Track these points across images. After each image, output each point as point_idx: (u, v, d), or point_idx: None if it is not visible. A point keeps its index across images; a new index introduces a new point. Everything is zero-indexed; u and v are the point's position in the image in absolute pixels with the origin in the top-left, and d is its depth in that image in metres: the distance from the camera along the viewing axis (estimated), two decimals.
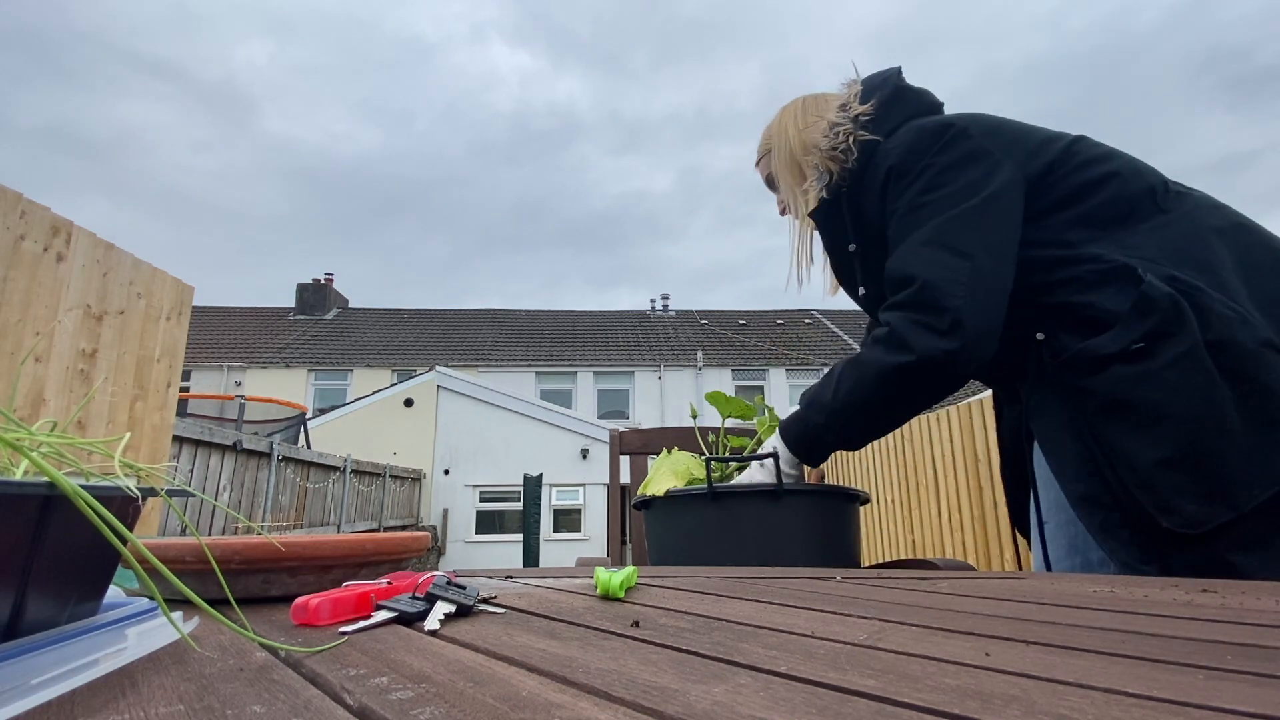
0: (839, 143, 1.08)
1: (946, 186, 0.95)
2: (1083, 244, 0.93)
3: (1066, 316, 0.92)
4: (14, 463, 0.36)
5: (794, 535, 1.00)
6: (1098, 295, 0.89)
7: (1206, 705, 0.26)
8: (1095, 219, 0.95)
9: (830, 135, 1.10)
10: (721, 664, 0.34)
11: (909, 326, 0.90)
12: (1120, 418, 0.84)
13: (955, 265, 0.90)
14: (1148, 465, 0.80)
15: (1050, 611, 0.51)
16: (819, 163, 1.11)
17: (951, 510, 5.43)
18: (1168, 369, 0.81)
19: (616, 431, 1.75)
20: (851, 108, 1.11)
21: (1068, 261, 0.93)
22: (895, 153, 1.03)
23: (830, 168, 1.10)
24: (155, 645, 0.37)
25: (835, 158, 1.09)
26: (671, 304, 22.93)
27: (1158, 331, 0.82)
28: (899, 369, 0.91)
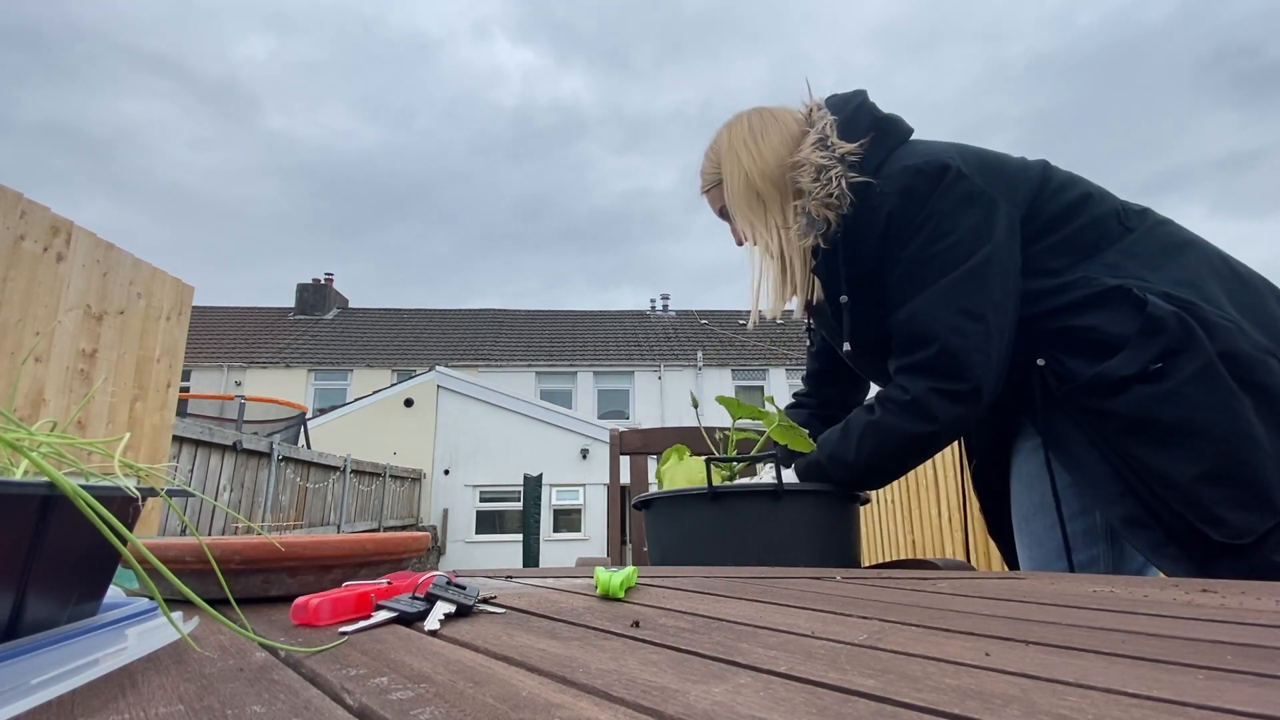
0: (833, 189, 1.00)
1: (951, 235, 0.95)
2: (1068, 269, 0.96)
3: (1068, 341, 0.93)
4: (14, 463, 0.36)
5: (794, 535, 1.00)
6: (1097, 318, 0.91)
7: (1206, 705, 0.26)
8: (1075, 243, 0.97)
9: (822, 181, 1.01)
10: (721, 664, 0.34)
11: (931, 396, 0.93)
12: (1147, 437, 0.85)
13: (972, 331, 0.92)
14: (1188, 481, 0.82)
15: (1050, 611, 0.51)
16: (814, 209, 1.02)
17: (951, 510, 5.43)
18: (1187, 385, 0.82)
19: (616, 432, 1.75)
20: (835, 145, 1.03)
21: (1060, 289, 0.95)
22: (893, 198, 0.98)
23: (827, 216, 1.02)
24: (155, 645, 0.37)
25: (831, 205, 1.01)
26: (672, 304, 22.94)
27: (1170, 350, 0.84)
28: (923, 438, 0.96)
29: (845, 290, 1.05)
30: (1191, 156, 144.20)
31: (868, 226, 1.01)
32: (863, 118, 1.06)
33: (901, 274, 0.99)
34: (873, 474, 1.01)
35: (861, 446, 0.98)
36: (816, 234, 1.03)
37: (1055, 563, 1.07)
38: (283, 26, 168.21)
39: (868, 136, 1.03)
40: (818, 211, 1.02)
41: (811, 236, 1.04)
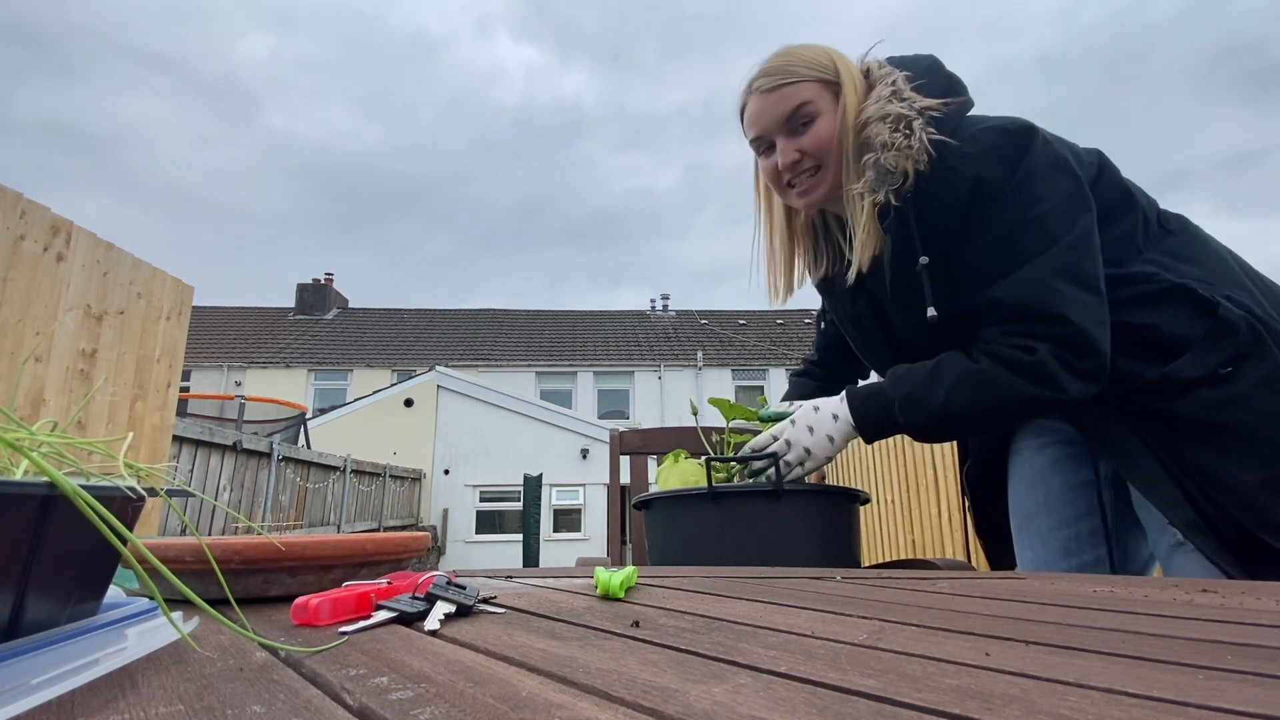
0: (915, 142, 0.91)
1: (1049, 200, 0.88)
2: (1128, 262, 0.91)
3: (1125, 338, 0.88)
4: (14, 463, 0.36)
5: (794, 535, 1.00)
6: (1157, 316, 0.87)
7: (1207, 705, 0.26)
8: (1125, 238, 0.93)
9: (903, 131, 0.91)
10: (721, 664, 0.34)
11: (1061, 368, 0.85)
12: (1209, 441, 0.83)
13: (1096, 305, 0.86)
14: (1249, 487, 0.80)
15: (1050, 611, 0.51)
16: (892, 161, 0.91)
17: (951, 510, 5.43)
18: (1256, 391, 0.81)
19: (616, 431, 1.75)
20: (911, 98, 0.93)
21: (1123, 281, 0.90)
22: (980, 160, 0.90)
23: (908, 169, 0.91)
24: (155, 645, 0.37)
25: (913, 158, 0.91)
26: (672, 304, 22.94)
27: (1240, 354, 0.82)
28: (1038, 401, 0.87)
29: (924, 252, 0.94)
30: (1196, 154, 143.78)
31: (947, 190, 0.92)
32: (939, 77, 0.98)
33: (999, 240, 0.90)
34: (951, 426, 0.92)
35: (956, 394, 0.88)
36: (888, 189, 0.92)
37: (1058, 562, 1.04)
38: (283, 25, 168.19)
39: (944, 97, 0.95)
40: (896, 162, 0.91)
41: (881, 192, 0.93)
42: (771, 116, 0.99)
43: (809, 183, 1.00)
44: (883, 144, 0.92)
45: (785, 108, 0.98)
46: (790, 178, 1.01)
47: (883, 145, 0.92)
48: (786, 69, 0.98)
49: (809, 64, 0.98)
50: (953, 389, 0.89)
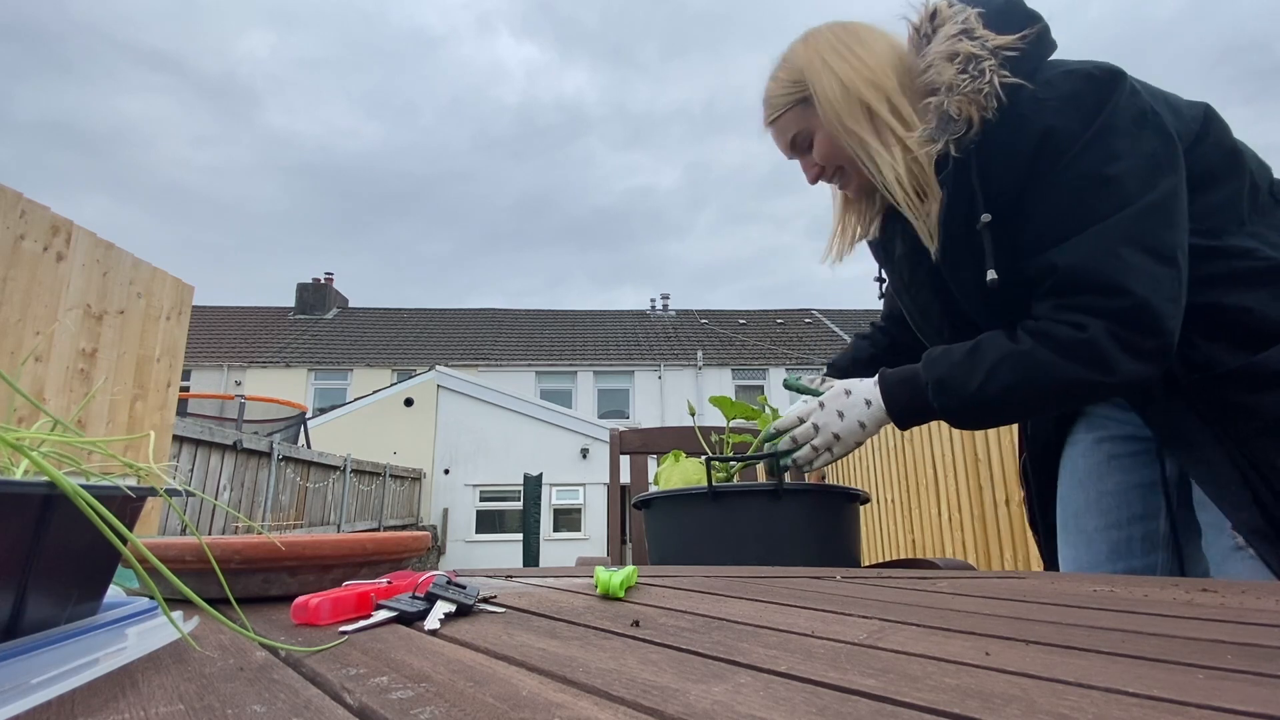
0: (984, 84, 0.81)
1: (1129, 158, 0.78)
2: (1227, 234, 0.82)
3: (1211, 320, 0.80)
4: (14, 462, 0.36)
5: (794, 535, 1.00)
6: (1254, 298, 0.79)
7: (1206, 705, 0.26)
8: (1229, 205, 0.84)
9: (972, 72, 0.82)
10: (722, 663, 0.34)
11: (1113, 346, 0.77)
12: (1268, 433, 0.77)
13: (1168, 278, 0.76)
14: None
15: (1050, 611, 0.51)
16: (956, 106, 0.83)
17: (951, 510, 5.43)
18: None
19: (616, 431, 1.75)
20: (983, 35, 0.84)
21: (1217, 254, 0.81)
22: (1054, 108, 0.80)
23: (971, 115, 0.82)
24: (155, 645, 0.37)
25: (979, 103, 0.82)
26: (672, 303, 22.94)
27: None
28: (1087, 386, 0.79)
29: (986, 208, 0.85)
30: None
31: (1015, 139, 0.82)
32: (1016, 11, 0.88)
33: (1065, 200, 0.81)
34: (989, 412, 0.85)
35: (994, 378, 0.81)
36: (950, 138, 0.84)
37: (1104, 565, 0.98)
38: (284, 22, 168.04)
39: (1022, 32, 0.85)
40: (960, 108, 0.83)
41: (942, 141, 0.85)
42: (782, 144, 1.03)
43: (840, 182, 1.02)
44: (947, 86, 0.84)
45: (784, 140, 1.02)
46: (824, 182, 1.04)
47: (947, 88, 0.84)
48: (770, 101, 1.00)
49: (784, 90, 0.97)
50: (991, 372, 0.81)
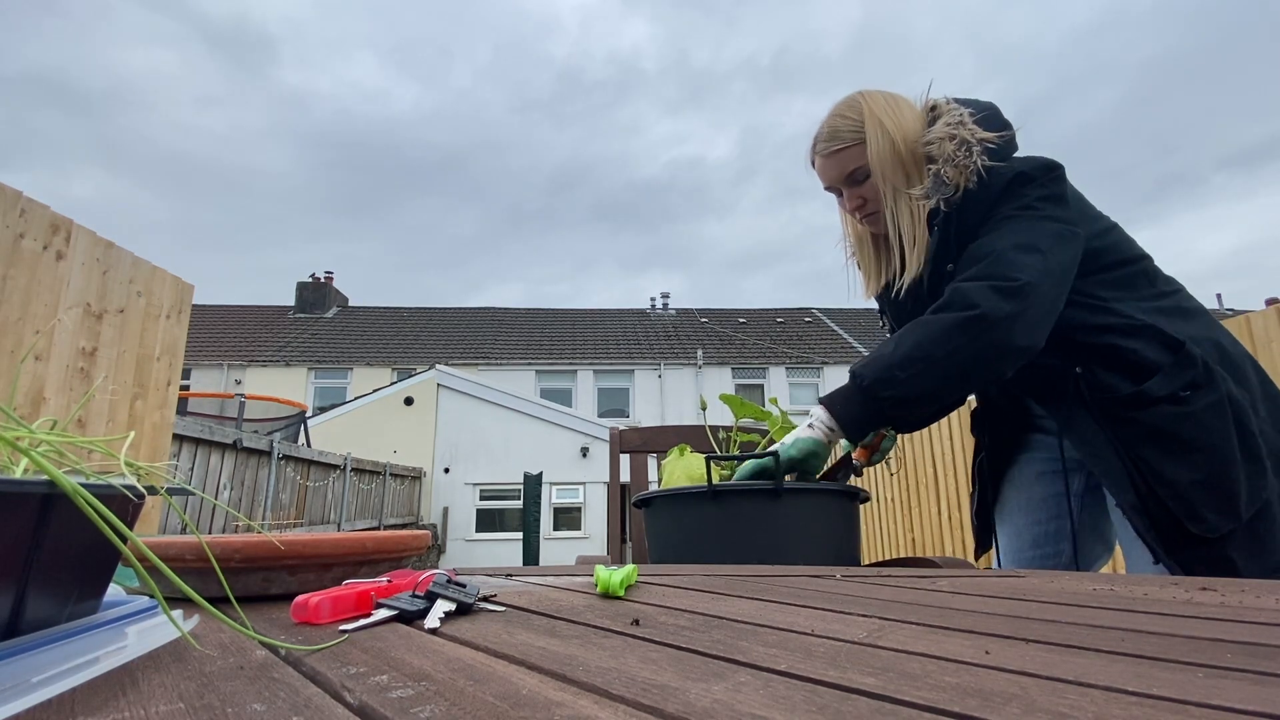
0: (971, 162, 1.08)
1: (1042, 211, 1.07)
2: (1115, 301, 1.10)
3: (1108, 358, 1.08)
4: (14, 461, 0.36)
5: (794, 534, 1.00)
6: (1139, 344, 1.06)
7: (1206, 703, 0.26)
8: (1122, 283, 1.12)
9: (963, 151, 1.09)
10: (721, 662, 0.34)
11: (977, 288, 1.00)
12: (1160, 446, 1.02)
13: (1031, 257, 1.02)
14: (1184, 484, 1.00)
15: (1050, 610, 0.51)
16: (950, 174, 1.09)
17: (951, 509, 5.43)
18: (1204, 412, 1.01)
19: (616, 430, 1.75)
20: (974, 130, 1.11)
21: (1108, 313, 1.09)
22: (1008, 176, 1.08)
23: (960, 182, 1.09)
24: (155, 643, 0.37)
25: (966, 174, 1.08)
26: (673, 301, 22.95)
27: (1196, 383, 1.02)
28: (962, 323, 0.99)
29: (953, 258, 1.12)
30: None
31: (987, 192, 1.09)
32: (996, 119, 1.16)
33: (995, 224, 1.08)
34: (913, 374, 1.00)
35: (901, 342, 1.01)
36: (940, 198, 1.10)
37: (1027, 550, 1.26)
38: None
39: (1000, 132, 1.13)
40: (952, 176, 1.09)
41: (935, 200, 1.10)
42: (834, 175, 1.21)
43: (872, 219, 1.22)
44: (945, 158, 1.10)
45: (843, 170, 1.20)
46: (860, 216, 1.23)
47: (945, 159, 1.10)
48: (839, 134, 1.18)
49: (854, 128, 1.17)
50: (898, 342, 1.02)
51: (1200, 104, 19.31)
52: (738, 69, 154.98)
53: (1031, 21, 21.12)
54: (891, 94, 1.20)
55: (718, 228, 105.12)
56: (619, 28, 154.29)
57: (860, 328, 20.10)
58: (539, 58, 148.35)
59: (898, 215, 1.16)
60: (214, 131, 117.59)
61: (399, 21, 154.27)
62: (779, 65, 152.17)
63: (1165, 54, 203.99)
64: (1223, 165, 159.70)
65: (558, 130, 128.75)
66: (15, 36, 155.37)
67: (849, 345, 19.01)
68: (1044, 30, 34.45)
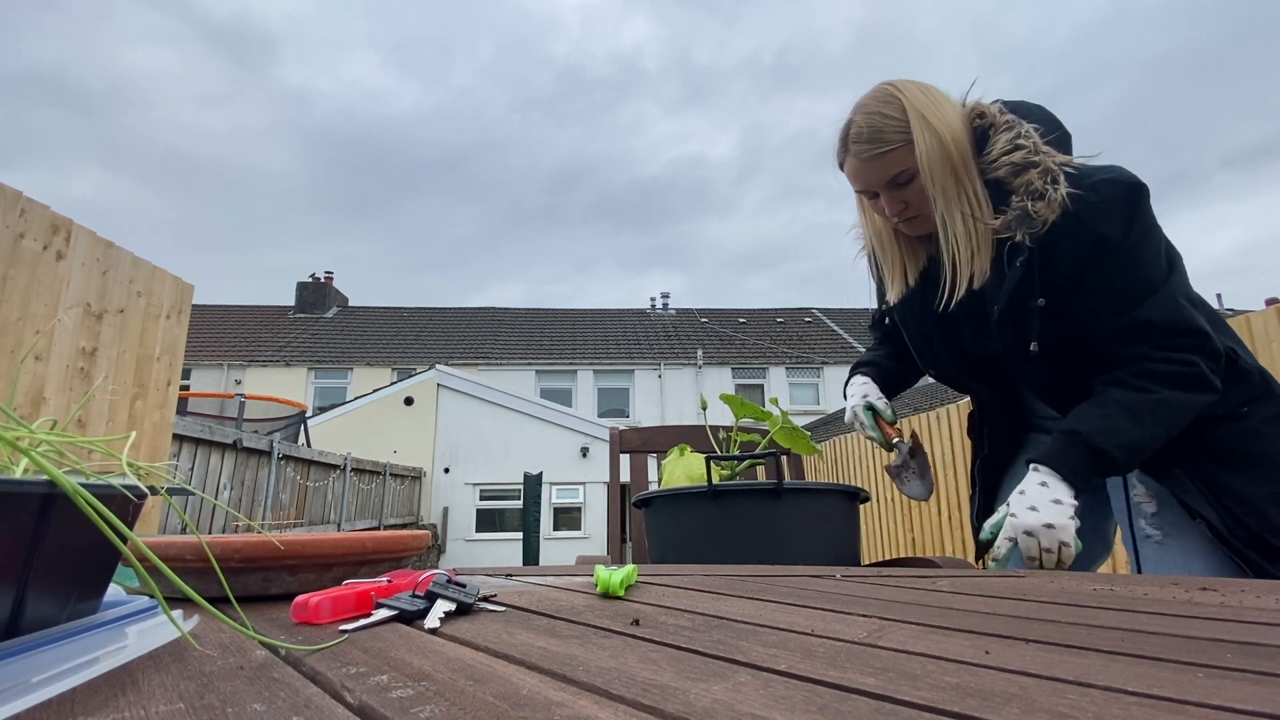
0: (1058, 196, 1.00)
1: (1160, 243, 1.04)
2: None
3: None
4: (14, 461, 0.36)
5: (795, 533, 1.00)
6: None
7: (1206, 703, 0.26)
8: None
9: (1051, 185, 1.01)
10: (721, 662, 0.34)
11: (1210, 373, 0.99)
12: (1226, 463, 1.02)
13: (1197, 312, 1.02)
14: (1257, 499, 0.99)
15: (1050, 610, 0.51)
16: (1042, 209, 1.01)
17: (951, 509, 5.43)
18: (1264, 425, 1.02)
19: (616, 430, 1.75)
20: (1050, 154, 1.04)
21: None
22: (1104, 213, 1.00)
23: (1048, 219, 1.00)
24: (155, 643, 0.37)
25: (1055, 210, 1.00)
26: (672, 302, 22.95)
27: (1253, 397, 1.03)
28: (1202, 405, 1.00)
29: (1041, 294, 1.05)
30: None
31: (1073, 241, 1.02)
32: (1059, 130, 1.10)
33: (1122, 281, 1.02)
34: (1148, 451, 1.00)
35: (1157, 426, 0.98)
36: (1025, 232, 1.02)
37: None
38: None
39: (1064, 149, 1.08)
40: (1041, 212, 1.01)
41: (1019, 233, 1.03)
42: (873, 179, 1.11)
43: (913, 224, 1.13)
44: (1034, 193, 1.02)
45: (885, 174, 1.09)
46: (899, 221, 1.14)
47: (1034, 194, 1.02)
48: (880, 136, 1.07)
49: (899, 128, 1.07)
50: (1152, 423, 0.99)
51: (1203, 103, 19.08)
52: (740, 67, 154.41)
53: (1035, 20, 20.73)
54: (923, 84, 1.10)
55: (720, 227, 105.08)
56: (620, 27, 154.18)
57: (860, 328, 20.09)
58: (540, 56, 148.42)
59: (950, 223, 1.07)
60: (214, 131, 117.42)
61: (400, 20, 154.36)
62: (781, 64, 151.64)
63: (1169, 53, 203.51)
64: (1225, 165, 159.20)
65: (558, 129, 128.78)
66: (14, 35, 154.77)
67: (849, 345, 19.01)
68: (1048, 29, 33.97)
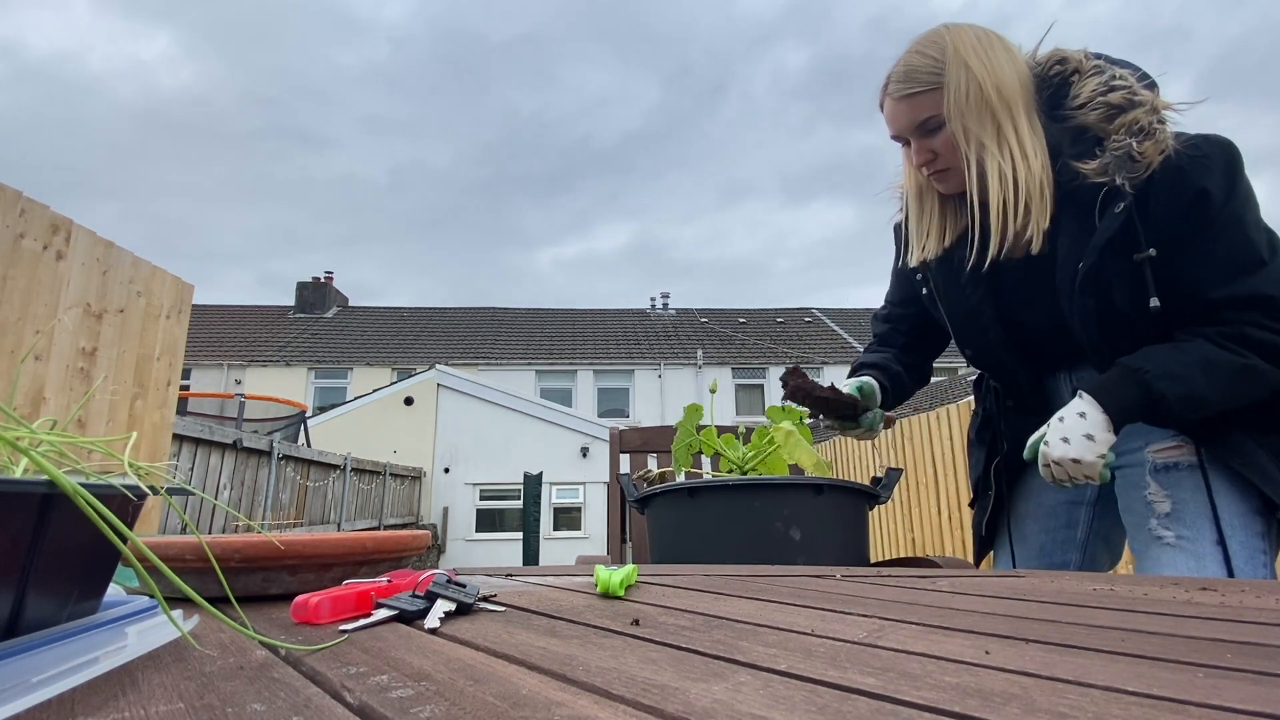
0: (1166, 137, 0.94)
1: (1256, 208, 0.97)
2: None
3: None
4: (14, 461, 0.36)
5: (803, 532, 1.00)
6: None
7: (1206, 704, 0.26)
8: None
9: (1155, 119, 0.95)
10: (721, 662, 0.34)
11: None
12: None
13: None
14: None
15: (1050, 610, 0.51)
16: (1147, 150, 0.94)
17: (951, 509, 5.43)
18: None
19: (616, 430, 1.75)
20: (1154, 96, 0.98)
21: None
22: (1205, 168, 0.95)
23: (1154, 161, 0.94)
24: (155, 643, 0.37)
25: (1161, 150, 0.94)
26: (672, 301, 22.96)
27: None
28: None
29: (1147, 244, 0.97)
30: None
31: (1175, 191, 0.95)
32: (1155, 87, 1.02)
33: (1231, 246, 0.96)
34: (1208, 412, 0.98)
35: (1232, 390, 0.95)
36: (1126, 177, 0.95)
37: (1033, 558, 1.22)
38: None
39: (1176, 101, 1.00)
40: (1148, 152, 0.94)
41: (1119, 177, 0.95)
42: (905, 122, 1.07)
43: (942, 177, 1.09)
44: (1140, 130, 0.95)
45: (915, 116, 1.05)
46: (928, 172, 1.10)
47: (1141, 131, 0.94)
48: (915, 76, 1.04)
49: (931, 70, 1.03)
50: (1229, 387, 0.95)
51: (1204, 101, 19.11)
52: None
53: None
54: (985, 30, 1.05)
55: (720, 228, 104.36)
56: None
57: (860, 328, 20.09)
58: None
59: (983, 175, 1.02)
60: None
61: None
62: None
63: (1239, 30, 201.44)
64: None
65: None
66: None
67: (849, 345, 19.01)
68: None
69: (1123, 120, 0.96)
